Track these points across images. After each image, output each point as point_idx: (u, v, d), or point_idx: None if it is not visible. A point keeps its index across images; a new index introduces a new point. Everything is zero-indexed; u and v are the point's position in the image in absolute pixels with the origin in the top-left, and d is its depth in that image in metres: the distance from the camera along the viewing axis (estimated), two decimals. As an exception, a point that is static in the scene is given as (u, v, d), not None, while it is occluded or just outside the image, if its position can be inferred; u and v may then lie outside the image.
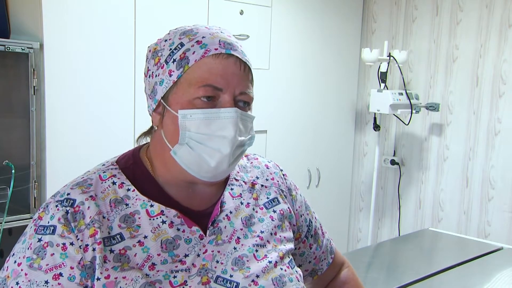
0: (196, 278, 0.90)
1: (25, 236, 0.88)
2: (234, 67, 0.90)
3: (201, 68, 0.88)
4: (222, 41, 0.91)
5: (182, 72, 0.89)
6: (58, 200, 0.88)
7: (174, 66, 0.90)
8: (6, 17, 2.26)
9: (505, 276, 1.82)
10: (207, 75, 0.88)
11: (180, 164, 0.90)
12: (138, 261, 0.87)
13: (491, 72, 3.07)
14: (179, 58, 0.90)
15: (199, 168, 0.90)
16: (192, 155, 0.89)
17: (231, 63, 0.90)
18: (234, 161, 0.92)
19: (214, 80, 0.88)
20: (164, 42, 0.93)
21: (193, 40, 0.90)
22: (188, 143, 0.89)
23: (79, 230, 0.85)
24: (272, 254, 0.98)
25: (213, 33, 0.92)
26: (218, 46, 0.90)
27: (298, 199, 1.12)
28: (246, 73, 0.92)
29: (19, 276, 0.84)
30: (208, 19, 2.66)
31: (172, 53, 0.91)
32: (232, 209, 0.98)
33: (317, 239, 1.16)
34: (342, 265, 1.25)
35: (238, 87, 0.90)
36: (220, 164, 0.89)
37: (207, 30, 0.93)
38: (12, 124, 2.19)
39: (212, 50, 0.89)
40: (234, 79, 0.90)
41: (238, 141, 0.90)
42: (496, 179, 3.09)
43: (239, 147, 0.91)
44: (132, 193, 0.92)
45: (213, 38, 0.91)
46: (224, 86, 0.89)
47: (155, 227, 0.90)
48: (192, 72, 0.89)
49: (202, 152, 0.88)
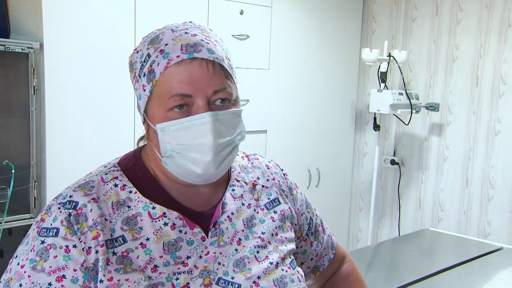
0: (198, 280, 0.90)
1: (28, 238, 0.88)
2: (200, 69, 0.86)
3: (167, 79, 0.86)
4: (184, 45, 0.87)
5: (152, 87, 0.88)
6: (60, 202, 0.88)
7: (145, 80, 0.89)
8: (6, 17, 2.26)
9: (505, 276, 1.82)
10: (174, 85, 0.86)
11: (172, 173, 0.91)
12: (140, 263, 0.87)
13: (491, 72, 3.07)
14: (147, 71, 0.88)
15: (189, 175, 0.90)
16: (178, 165, 0.89)
17: (195, 67, 0.86)
18: (224, 161, 0.90)
19: (181, 89, 0.85)
20: (136, 54, 0.92)
21: (157, 50, 0.88)
22: (172, 156, 0.89)
23: (82, 233, 0.86)
24: (273, 255, 0.98)
25: (177, 37, 0.88)
26: (180, 52, 0.86)
27: (299, 198, 1.12)
28: (217, 71, 0.87)
29: (22, 278, 0.84)
30: (208, 19, 2.66)
31: (142, 66, 0.90)
32: (233, 210, 0.98)
33: (317, 236, 1.16)
34: (344, 259, 1.25)
35: (209, 88, 0.87)
36: (206, 170, 0.88)
37: (172, 33, 0.89)
38: (12, 124, 2.19)
39: (174, 59, 0.86)
40: (202, 82, 0.86)
41: (220, 144, 0.88)
42: (496, 179, 3.09)
43: (226, 147, 0.89)
44: (134, 195, 0.92)
45: (175, 44, 0.87)
46: (193, 92, 0.86)
47: (157, 229, 0.90)
48: (160, 85, 0.87)
49: (186, 161, 0.88)
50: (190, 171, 0.89)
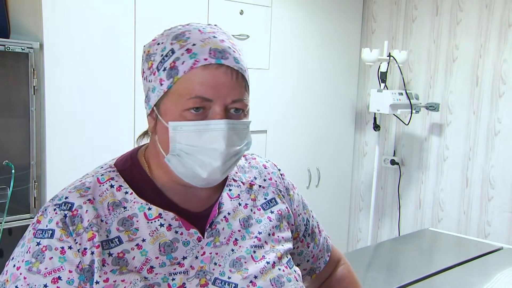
0: (194, 280, 0.90)
1: (24, 240, 0.88)
2: (225, 77, 0.86)
3: (190, 79, 0.86)
4: (213, 49, 0.87)
5: (172, 83, 0.87)
6: (56, 203, 0.88)
7: (165, 75, 0.88)
8: (6, 17, 2.26)
9: (505, 276, 1.82)
10: (196, 87, 0.85)
11: (174, 171, 0.90)
12: (136, 264, 0.87)
13: (491, 72, 3.07)
14: (169, 67, 0.87)
15: (192, 177, 0.90)
16: (183, 166, 0.88)
17: (221, 74, 0.86)
18: (228, 169, 0.91)
19: (204, 92, 0.85)
20: (156, 46, 0.91)
21: (183, 48, 0.87)
22: (179, 155, 0.88)
23: (77, 234, 0.85)
24: (270, 254, 0.98)
25: (205, 39, 0.88)
26: (208, 55, 0.86)
27: (296, 198, 1.12)
28: (239, 81, 0.88)
29: (18, 280, 0.84)
30: (208, 19, 2.66)
31: (163, 60, 0.88)
32: (230, 210, 0.98)
33: (314, 238, 1.16)
34: (339, 262, 1.25)
35: (229, 96, 0.87)
36: (212, 175, 0.89)
37: (200, 34, 0.89)
38: (12, 124, 2.19)
39: (202, 61, 0.86)
40: (224, 89, 0.86)
41: (230, 153, 0.88)
42: (496, 179, 3.09)
43: (233, 156, 0.90)
44: (130, 196, 0.91)
45: (203, 46, 0.87)
46: (214, 97, 0.86)
47: (153, 230, 0.90)
48: (181, 83, 0.86)
49: (193, 163, 0.88)
50: (195, 173, 0.88)
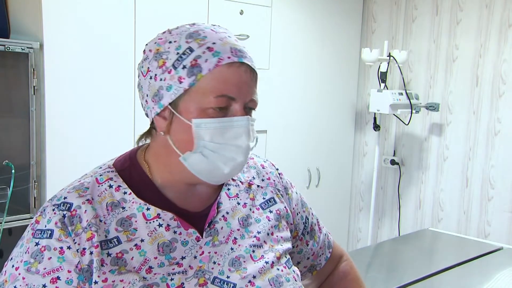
0: (193, 280, 0.90)
1: (23, 240, 0.88)
2: (246, 76, 0.89)
3: (216, 77, 0.87)
4: (234, 48, 0.89)
5: (194, 81, 0.87)
6: (55, 204, 0.88)
7: (185, 73, 0.87)
8: (6, 17, 2.26)
9: (505, 276, 1.82)
10: (222, 86, 0.87)
11: (190, 170, 0.90)
12: (135, 264, 0.87)
13: (491, 72, 3.07)
14: (190, 65, 0.87)
15: (210, 174, 0.90)
16: (205, 163, 0.88)
17: (243, 72, 0.89)
18: (245, 164, 0.94)
19: (230, 90, 0.87)
20: (168, 44, 0.89)
21: (203, 46, 0.87)
22: (202, 152, 0.88)
23: (76, 234, 0.85)
24: (268, 254, 0.98)
25: (222, 38, 0.90)
26: (231, 54, 0.88)
27: (294, 197, 1.12)
28: (255, 79, 0.92)
29: (16, 280, 0.84)
30: (208, 19, 2.66)
31: (180, 58, 0.87)
32: (228, 210, 0.98)
33: (313, 236, 1.16)
34: (341, 258, 1.25)
35: (249, 95, 0.90)
36: (233, 170, 0.91)
37: (215, 34, 0.90)
38: (12, 124, 2.19)
39: (226, 59, 0.87)
40: (246, 88, 0.89)
41: (250, 148, 0.91)
42: (496, 179, 3.09)
43: (250, 150, 0.93)
44: (129, 196, 0.91)
45: (224, 45, 0.88)
46: (237, 96, 0.88)
47: (151, 231, 0.90)
48: (205, 81, 0.87)
49: (216, 160, 0.88)
50: (217, 170, 0.89)
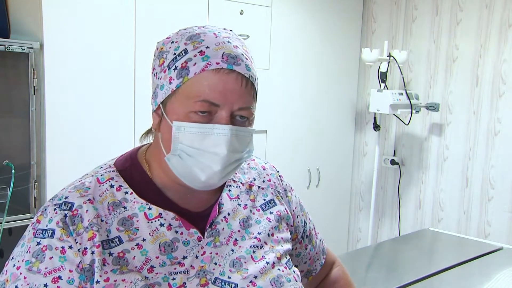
0: (194, 280, 0.90)
1: (24, 239, 0.88)
2: (235, 83, 0.86)
3: (200, 82, 0.86)
4: (226, 54, 0.87)
5: (181, 83, 0.87)
6: (56, 203, 0.88)
7: (175, 74, 0.87)
8: (6, 17, 2.26)
9: (505, 276, 1.82)
10: (205, 90, 0.85)
11: (173, 171, 0.90)
12: (136, 264, 0.87)
13: (491, 72, 3.07)
14: (181, 66, 0.87)
15: (190, 178, 0.89)
16: (183, 166, 0.88)
17: (231, 79, 0.86)
18: (227, 175, 0.91)
19: (212, 96, 0.85)
20: (170, 44, 0.90)
21: (197, 49, 0.87)
22: (180, 155, 0.88)
23: (78, 234, 0.85)
24: (269, 255, 0.98)
25: (219, 43, 0.88)
26: (221, 60, 0.86)
27: (294, 200, 1.12)
28: (248, 88, 0.88)
29: (18, 279, 0.84)
30: (208, 19, 2.66)
31: (175, 58, 0.88)
32: (229, 211, 0.98)
33: (311, 240, 1.17)
34: (333, 264, 1.26)
35: (237, 103, 0.87)
36: (210, 178, 0.88)
37: (215, 38, 0.89)
38: (12, 124, 2.19)
39: (213, 64, 0.86)
40: (233, 96, 0.86)
41: (231, 158, 0.88)
42: (496, 179, 3.09)
43: (234, 162, 0.90)
44: (130, 196, 0.91)
45: (217, 50, 0.87)
46: (222, 102, 0.86)
47: (153, 230, 0.90)
48: (190, 85, 0.86)
49: (193, 165, 0.88)
50: (194, 175, 0.88)
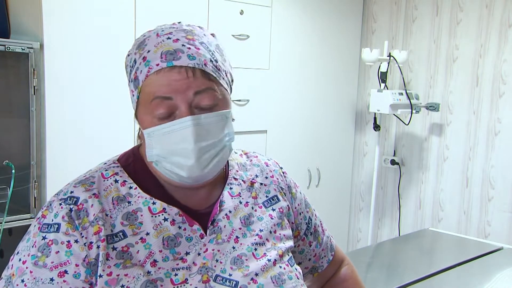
0: (196, 276, 0.90)
1: (29, 234, 0.89)
2: (179, 76, 0.86)
3: (149, 86, 0.88)
4: (164, 53, 0.87)
5: (138, 93, 0.90)
6: (61, 198, 0.89)
7: (133, 86, 0.92)
8: (6, 17, 2.26)
9: (505, 276, 1.82)
10: (154, 89, 0.87)
11: (165, 175, 0.92)
12: (140, 257, 0.88)
13: (491, 72, 3.07)
14: (134, 77, 0.91)
15: (178, 178, 0.91)
16: (165, 169, 0.90)
17: (174, 74, 0.86)
18: (210, 163, 0.90)
19: (160, 91, 0.86)
20: (128, 57, 0.94)
21: (141, 56, 0.90)
22: (158, 161, 0.90)
23: (83, 228, 0.86)
24: (271, 252, 0.98)
25: (159, 43, 0.89)
26: (160, 60, 0.87)
27: (298, 197, 1.12)
28: (198, 76, 0.87)
29: (24, 273, 0.85)
30: (208, 19, 2.66)
31: (130, 71, 0.92)
32: (231, 208, 0.99)
33: (317, 237, 1.16)
34: (342, 262, 1.25)
35: (189, 90, 0.86)
36: (191, 173, 0.88)
37: (156, 39, 0.90)
38: (12, 124, 2.19)
39: (154, 67, 0.87)
40: (182, 85, 0.86)
41: (203, 147, 0.88)
42: (496, 179, 3.09)
43: (211, 149, 0.89)
44: (134, 190, 0.92)
45: (156, 52, 0.88)
46: (172, 94, 0.86)
47: (157, 224, 0.91)
48: (143, 91, 0.89)
49: (171, 165, 0.89)
50: (177, 174, 0.90)
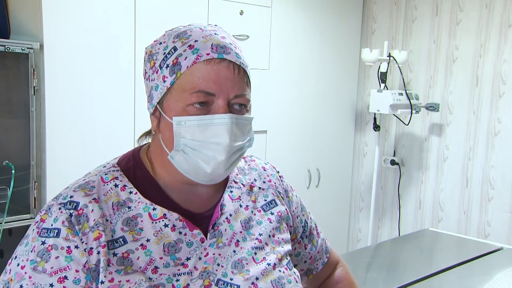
0: (198, 281, 0.90)
1: (28, 238, 0.87)
2: (227, 71, 0.88)
3: (193, 74, 0.87)
4: (215, 45, 0.89)
5: (174, 79, 0.88)
6: (61, 202, 0.87)
7: (168, 72, 0.89)
8: (6, 17, 2.26)
9: (505, 276, 1.82)
10: (199, 81, 0.87)
11: (178, 169, 0.91)
12: (141, 264, 0.87)
13: (491, 72, 3.07)
14: (172, 63, 0.89)
15: (196, 173, 0.90)
16: (188, 161, 0.89)
17: (223, 68, 0.88)
18: (232, 165, 0.92)
19: (206, 86, 0.87)
20: (159, 45, 0.92)
21: (185, 44, 0.89)
22: (183, 150, 0.89)
23: (84, 233, 0.85)
24: (270, 256, 0.98)
25: (207, 35, 0.90)
26: (210, 50, 0.88)
27: (294, 200, 1.12)
28: (241, 75, 0.90)
29: (23, 279, 0.84)
30: (208, 19, 2.66)
31: (166, 57, 0.90)
32: (231, 212, 0.98)
33: (311, 240, 1.17)
34: (337, 264, 1.26)
35: (232, 91, 0.88)
36: (216, 169, 0.89)
37: (201, 32, 0.91)
38: (12, 124, 2.19)
39: (204, 56, 0.88)
40: (227, 84, 0.88)
41: (234, 147, 0.89)
42: (496, 179, 3.09)
43: (237, 151, 0.91)
44: (135, 195, 0.91)
45: (205, 42, 0.89)
46: (217, 91, 0.87)
47: (157, 231, 0.90)
48: (184, 79, 0.88)
49: (197, 158, 0.88)
50: (199, 168, 0.89)
